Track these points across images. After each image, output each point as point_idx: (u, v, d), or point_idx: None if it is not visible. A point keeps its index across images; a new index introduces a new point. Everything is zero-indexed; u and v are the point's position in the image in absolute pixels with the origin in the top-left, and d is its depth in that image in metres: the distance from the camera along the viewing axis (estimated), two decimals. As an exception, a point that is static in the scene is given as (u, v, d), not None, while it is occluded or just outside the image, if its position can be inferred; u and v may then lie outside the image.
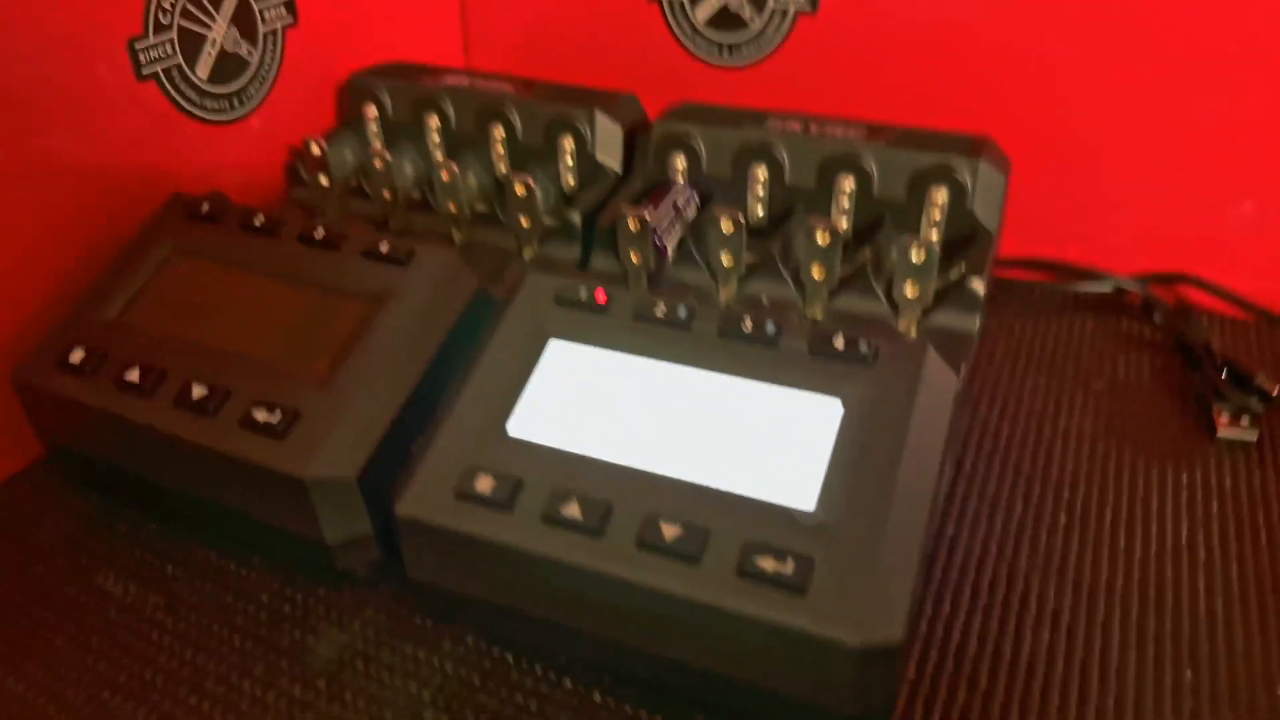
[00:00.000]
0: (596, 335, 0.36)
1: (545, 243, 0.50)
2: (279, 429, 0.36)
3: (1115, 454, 0.46)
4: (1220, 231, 0.56)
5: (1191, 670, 0.35)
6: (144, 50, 0.48)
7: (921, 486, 0.31)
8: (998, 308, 0.57)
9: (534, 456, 0.33)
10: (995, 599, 0.38)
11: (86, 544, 0.42)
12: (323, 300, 0.41)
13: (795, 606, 0.29)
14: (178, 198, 0.47)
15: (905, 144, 0.45)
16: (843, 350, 0.34)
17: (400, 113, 0.56)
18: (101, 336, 0.41)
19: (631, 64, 0.65)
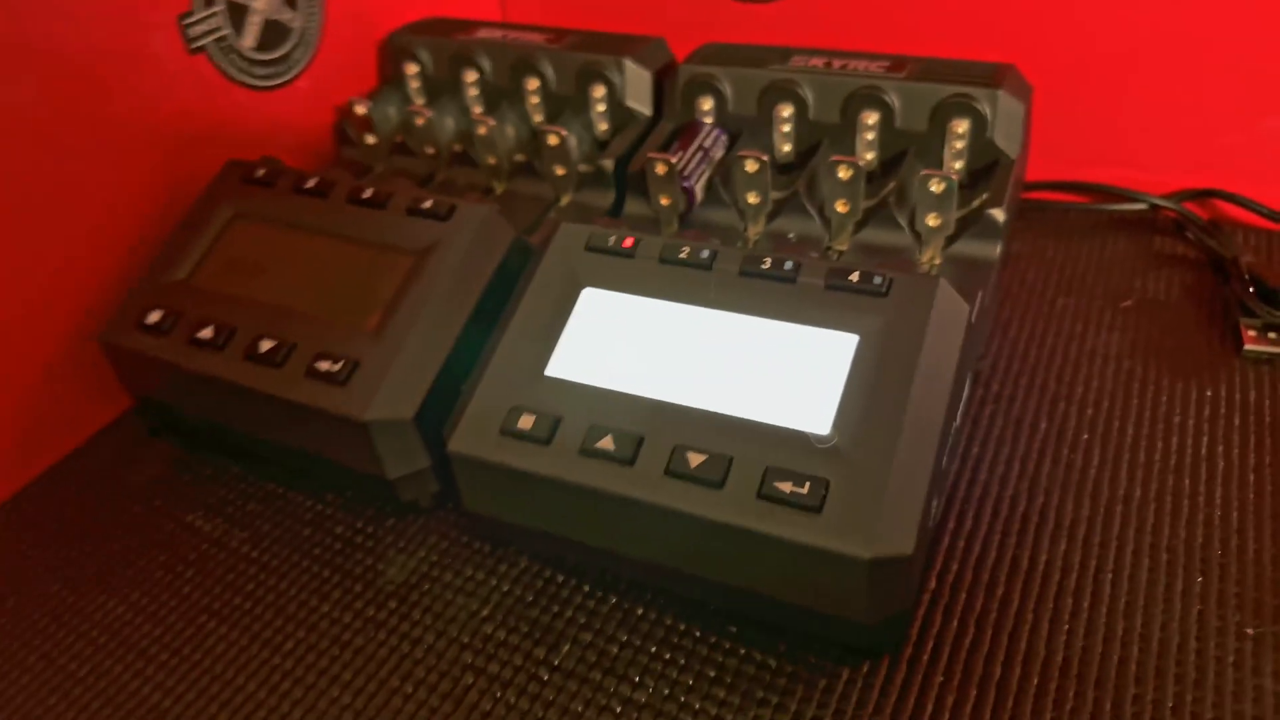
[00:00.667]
0: (625, 280, 0.39)
1: (581, 189, 0.52)
2: (340, 377, 0.39)
3: (1141, 371, 0.47)
4: (1253, 146, 0.56)
5: (1202, 575, 0.37)
6: (192, 25, 0.51)
7: (932, 411, 0.33)
8: (1030, 231, 0.58)
9: (570, 395, 0.36)
10: (1015, 512, 0.40)
11: (176, 485, 0.46)
12: (373, 256, 0.44)
13: (812, 525, 0.31)
14: (233, 164, 0.50)
15: (926, 76, 0.46)
16: (857, 284, 0.36)
17: (439, 69, 0.58)
18: (174, 298, 0.45)
19: (661, 3, 0.66)
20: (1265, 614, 0.35)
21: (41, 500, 0.47)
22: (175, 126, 0.51)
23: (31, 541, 0.44)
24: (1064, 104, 0.58)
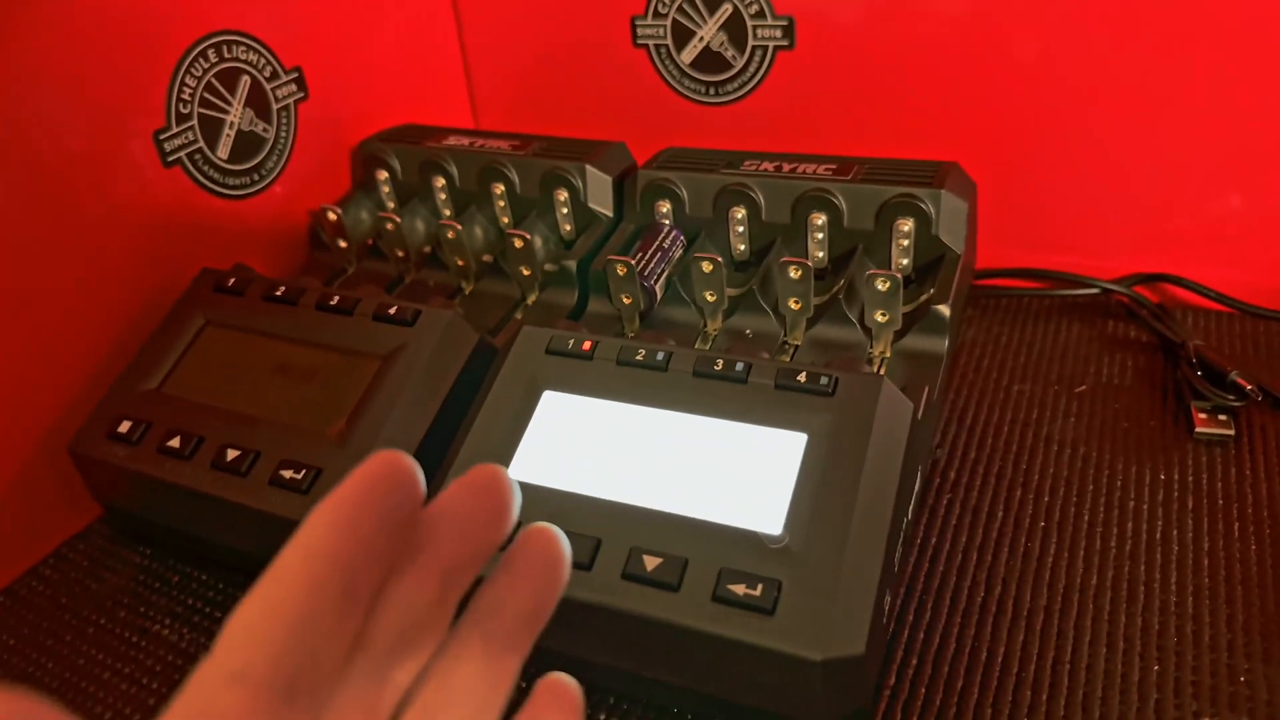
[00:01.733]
0: (584, 382, 0.40)
1: (546, 289, 0.54)
2: (303, 485, 0.40)
3: (1096, 456, 0.48)
4: (1200, 231, 0.58)
5: (1159, 663, 0.37)
6: (168, 139, 0.53)
7: (881, 507, 0.34)
8: (985, 318, 0.59)
9: (530, 498, 0.37)
10: (974, 603, 0.41)
11: (142, 594, 0.46)
12: (340, 361, 0.45)
13: (764, 627, 0.32)
14: (206, 273, 0.51)
15: (871, 178, 0.48)
16: (805, 384, 0.37)
17: (409, 174, 0.60)
18: (145, 407, 0.46)
19: (624, 107, 0.68)
20: (1222, 702, 0.36)
21: (9, 613, 0.46)
22: (150, 235, 0.53)
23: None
24: (1015, 193, 0.60)
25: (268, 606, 0.16)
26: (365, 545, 0.17)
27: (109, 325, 0.51)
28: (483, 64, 0.73)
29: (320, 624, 0.16)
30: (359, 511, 0.17)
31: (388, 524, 0.18)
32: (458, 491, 0.20)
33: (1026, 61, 0.57)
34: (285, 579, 0.17)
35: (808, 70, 0.62)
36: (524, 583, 0.20)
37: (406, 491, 0.18)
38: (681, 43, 0.64)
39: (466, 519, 0.19)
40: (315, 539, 0.17)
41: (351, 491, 0.17)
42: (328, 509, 0.17)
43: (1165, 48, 0.54)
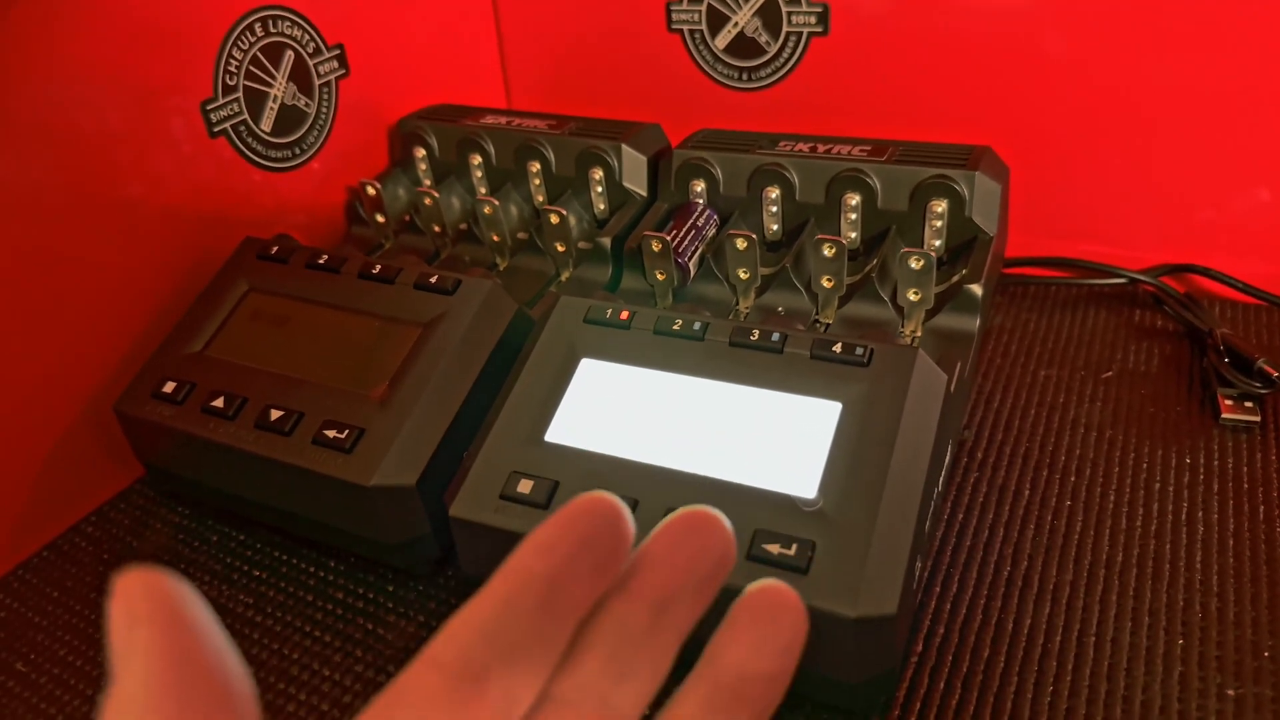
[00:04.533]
0: (622, 350, 0.41)
1: (580, 265, 0.55)
2: (346, 444, 0.41)
3: (1122, 440, 0.48)
4: (1227, 222, 0.58)
5: (1183, 637, 0.38)
6: (214, 110, 0.54)
7: (914, 476, 0.35)
8: (1013, 306, 0.60)
9: (568, 460, 0.38)
10: (1000, 577, 0.41)
11: (183, 552, 0.48)
12: (381, 328, 0.46)
13: (799, 585, 0.32)
14: (249, 241, 0.52)
15: (906, 159, 0.49)
16: (840, 354, 0.37)
17: (446, 153, 0.61)
18: (189, 369, 0.47)
19: (658, 92, 0.69)
20: (1245, 675, 0.36)
21: (53, 567, 0.48)
22: (194, 205, 0.54)
23: (41, 608, 0.45)
24: (1044, 183, 0.61)
25: (469, 612, 0.18)
26: (563, 563, 0.18)
27: (154, 291, 0.53)
28: (518, 46, 0.74)
29: (514, 628, 0.18)
30: (558, 532, 0.18)
31: (588, 546, 0.18)
32: (669, 527, 0.20)
33: (1058, 52, 0.58)
34: (486, 591, 0.18)
35: (841, 57, 0.63)
36: (745, 635, 0.19)
37: (609, 520, 0.19)
38: (716, 28, 0.65)
39: (677, 550, 0.19)
40: (515, 558, 0.18)
41: (554, 518, 0.19)
42: (531, 534, 0.18)
43: (1197, 41, 0.54)
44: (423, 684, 0.17)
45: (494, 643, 0.17)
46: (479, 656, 0.17)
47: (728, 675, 0.19)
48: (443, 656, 0.17)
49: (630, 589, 0.19)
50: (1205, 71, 0.55)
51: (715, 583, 0.20)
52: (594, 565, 0.18)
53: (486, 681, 0.17)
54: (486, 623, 0.18)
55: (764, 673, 0.19)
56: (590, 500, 0.19)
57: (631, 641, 0.19)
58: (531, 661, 0.18)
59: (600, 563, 0.18)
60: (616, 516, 0.19)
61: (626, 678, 0.18)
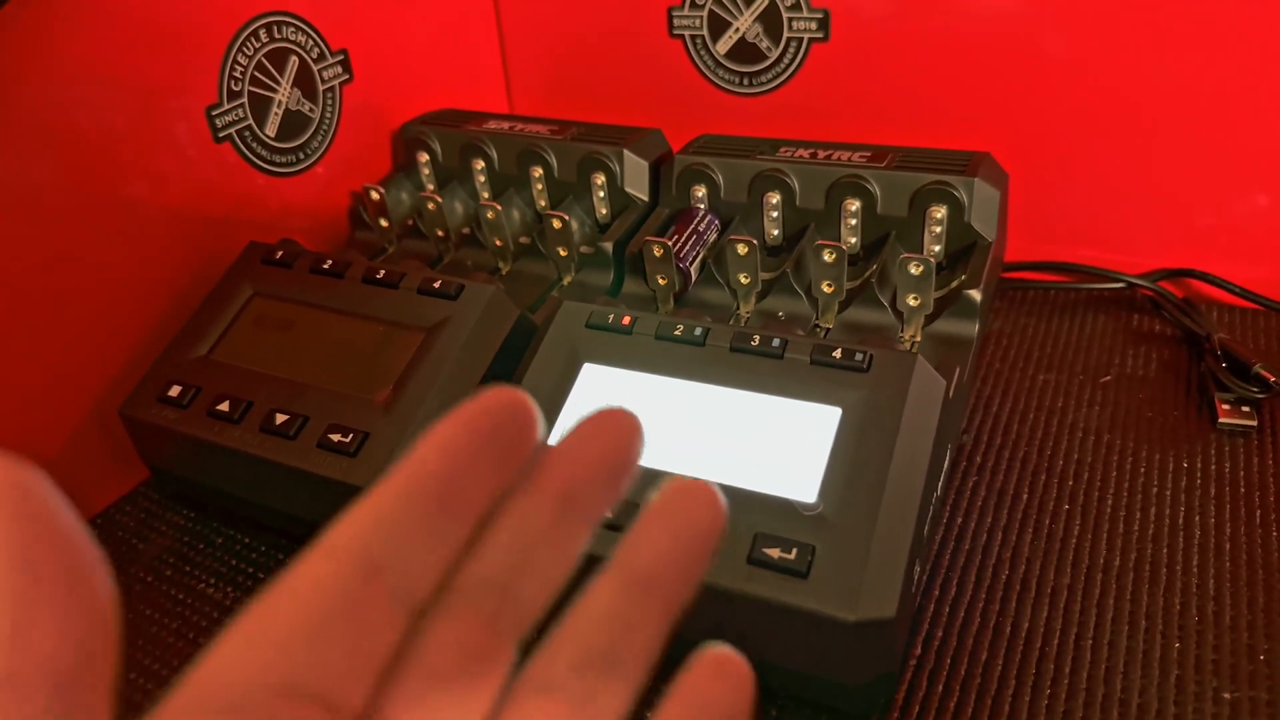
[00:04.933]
0: (623, 356, 0.41)
1: (582, 270, 0.55)
2: (351, 448, 0.41)
3: (1119, 444, 0.48)
4: (1225, 227, 0.58)
5: (1180, 641, 0.38)
6: (219, 116, 0.54)
7: (913, 480, 0.35)
8: (1012, 310, 0.60)
9: (570, 464, 0.38)
10: (998, 581, 0.42)
11: (187, 554, 0.48)
12: (385, 332, 0.46)
13: (799, 589, 0.33)
14: (254, 246, 0.53)
15: (905, 165, 0.49)
16: (840, 360, 0.38)
17: (449, 158, 0.62)
18: (194, 372, 0.47)
19: (659, 97, 0.70)
20: (1241, 679, 0.36)
21: (58, 568, 0.48)
22: (198, 209, 0.54)
23: (47, 608, 0.46)
24: (1043, 187, 0.61)
25: (364, 505, 0.17)
26: (462, 460, 0.18)
27: (158, 295, 0.53)
28: (520, 52, 0.75)
29: (411, 522, 0.17)
30: (457, 429, 0.18)
31: (488, 444, 0.18)
32: (577, 424, 0.19)
33: (1057, 58, 0.58)
34: (381, 485, 0.18)
35: (842, 63, 0.63)
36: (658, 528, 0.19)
37: (514, 416, 0.18)
38: (717, 33, 0.66)
39: (585, 445, 0.19)
40: (413, 454, 0.18)
41: (455, 414, 0.18)
42: (430, 430, 0.18)
43: (1195, 47, 0.55)
44: (315, 572, 0.17)
45: (389, 534, 0.17)
46: (373, 546, 0.17)
47: (640, 567, 0.19)
48: (337, 546, 0.17)
49: (535, 483, 0.18)
50: (1203, 77, 0.55)
51: (624, 477, 0.19)
52: (494, 461, 0.18)
53: (381, 571, 0.17)
54: (382, 515, 0.17)
55: (676, 563, 0.19)
56: (492, 396, 0.18)
57: (535, 534, 0.18)
58: (428, 553, 0.17)
59: (500, 459, 0.18)
60: (520, 412, 0.18)
61: (529, 571, 0.18)
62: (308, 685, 0.16)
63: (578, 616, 0.18)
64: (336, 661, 0.16)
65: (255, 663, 0.16)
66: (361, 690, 0.16)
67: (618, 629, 0.18)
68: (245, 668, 0.16)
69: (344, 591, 0.16)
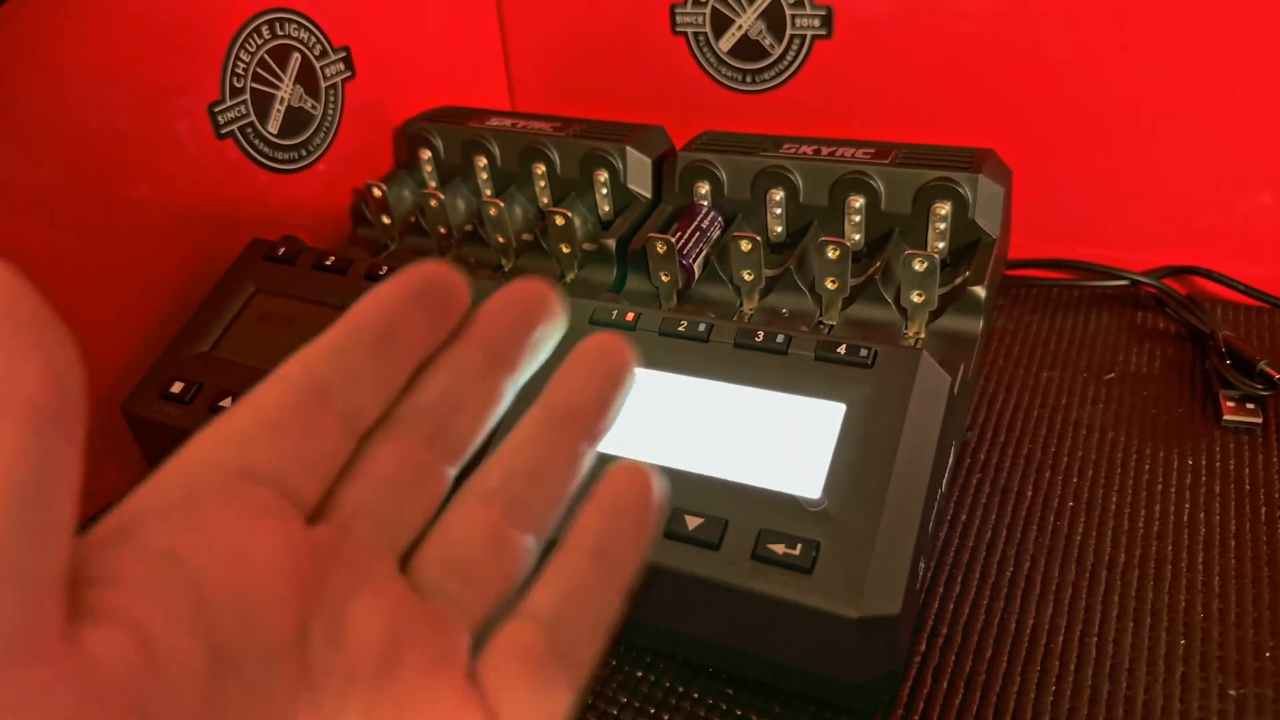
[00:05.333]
0: (627, 351, 0.41)
1: (584, 267, 0.55)
2: (353, 444, 0.41)
3: (1124, 441, 0.48)
4: (1229, 225, 0.58)
5: (1185, 638, 0.38)
6: (221, 112, 0.54)
7: (917, 476, 0.35)
8: (1015, 307, 0.60)
9: (574, 461, 0.38)
10: (1003, 577, 0.42)
11: (191, 552, 0.48)
12: (386, 329, 0.46)
13: (803, 585, 0.33)
14: (256, 243, 0.53)
15: (909, 162, 0.49)
16: (845, 356, 0.38)
17: (451, 155, 0.61)
18: (197, 369, 0.47)
19: (662, 94, 0.69)
20: (1247, 676, 0.36)
21: (60, 565, 0.48)
22: (200, 206, 0.54)
23: (49, 605, 0.46)
24: (1047, 185, 0.61)
25: (313, 343, 0.20)
26: (400, 307, 0.20)
27: (160, 292, 0.53)
28: (522, 49, 0.75)
29: (354, 355, 0.19)
30: (395, 286, 0.20)
31: (422, 298, 0.20)
32: (501, 292, 0.22)
33: (1061, 56, 0.58)
34: (328, 330, 0.20)
35: (845, 60, 0.63)
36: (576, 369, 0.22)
37: (443, 281, 0.21)
38: (720, 30, 0.65)
39: (506, 308, 0.21)
40: (355, 306, 0.20)
41: (392, 277, 0.20)
42: (370, 290, 0.20)
43: (1199, 45, 0.54)
44: (270, 394, 0.19)
45: (335, 363, 0.19)
46: (321, 371, 0.19)
47: (561, 401, 0.21)
48: (288, 373, 0.19)
49: (465, 337, 0.21)
50: (1207, 74, 0.55)
51: (543, 337, 0.22)
52: (428, 312, 0.20)
53: (328, 391, 0.19)
54: (328, 348, 0.19)
55: (594, 395, 0.22)
56: (425, 265, 0.21)
57: (466, 377, 0.21)
58: (371, 383, 0.20)
59: (434, 311, 0.20)
60: (450, 280, 0.21)
61: (461, 407, 0.21)
62: (264, 471, 0.18)
63: (509, 443, 0.21)
64: (289, 457, 0.18)
65: (217, 454, 0.18)
66: (314, 487, 0.19)
67: (542, 449, 0.21)
68: (208, 457, 0.18)
69: (296, 404, 0.19)
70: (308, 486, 0.19)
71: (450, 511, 0.20)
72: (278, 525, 0.18)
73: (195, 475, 0.18)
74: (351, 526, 0.19)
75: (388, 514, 0.19)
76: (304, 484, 0.18)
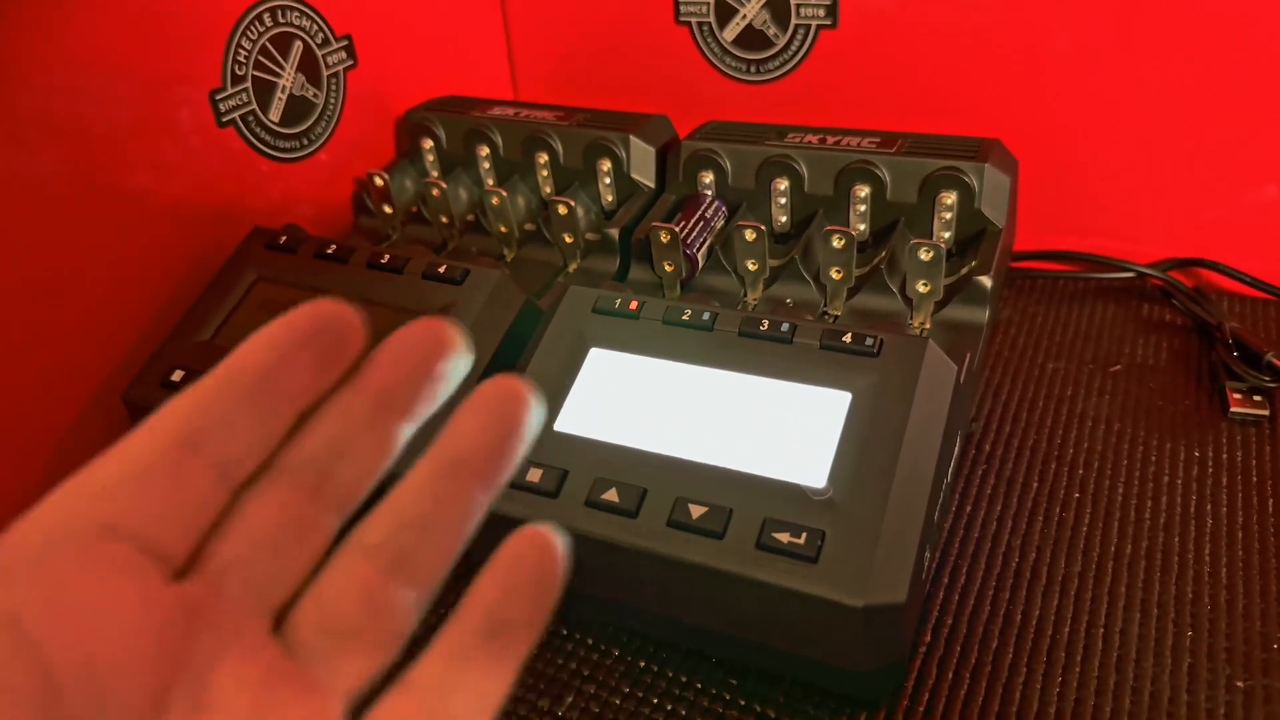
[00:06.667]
0: (631, 340, 0.41)
1: (587, 256, 0.55)
2: (355, 433, 0.41)
3: (1130, 433, 0.48)
4: (1235, 217, 0.58)
5: (1192, 629, 0.38)
6: (223, 100, 0.54)
7: (923, 465, 0.35)
8: (1021, 299, 0.60)
9: (577, 449, 0.38)
10: (1009, 568, 0.41)
11: (191, 541, 0.48)
12: (390, 317, 0.46)
13: (808, 574, 0.33)
14: (258, 231, 0.52)
15: (915, 151, 0.49)
16: (850, 344, 0.37)
17: (453, 144, 0.61)
18: (198, 357, 0.47)
19: (665, 84, 0.69)
20: (1254, 667, 0.36)
21: (60, 554, 0.48)
22: (202, 195, 0.54)
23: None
24: (1053, 177, 0.60)
25: (186, 391, 0.18)
26: (282, 352, 0.19)
27: (162, 280, 0.53)
28: (525, 39, 0.74)
29: (230, 402, 0.18)
30: (279, 329, 0.19)
31: (310, 342, 0.19)
32: (398, 333, 0.21)
33: (1067, 46, 0.57)
34: (204, 376, 0.19)
35: (849, 50, 0.63)
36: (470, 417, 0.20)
37: (334, 322, 0.19)
38: (724, 20, 0.65)
39: (404, 351, 0.20)
40: (235, 351, 0.19)
41: (279, 319, 0.19)
42: (255, 332, 0.19)
43: (1206, 36, 0.54)
44: (138, 443, 0.18)
45: (211, 411, 0.18)
46: (193, 422, 0.18)
47: (453, 448, 0.20)
48: (159, 424, 0.18)
49: (355, 383, 0.20)
50: (1215, 66, 0.55)
51: (442, 380, 0.21)
52: (316, 355, 0.19)
53: (202, 443, 0.18)
54: (203, 395, 0.18)
55: (490, 442, 0.20)
56: (317, 305, 0.19)
57: (354, 423, 0.19)
58: (248, 433, 0.18)
59: (323, 354, 0.19)
60: (344, 318, 0.19)
61: (348, 456, 0.19)
62: (127, 526, 0.17)
63: (397, 493, 0.20)
64: (155, 510, 0.17)
65: (77, 507, 0.17)
66: (183, 542, 0.18)
67: (432, 500, 0.20)
68: (67, 510, 0.17)
69: (165, 454, 0.18)
70: (176, 542, 0.17)
71: (329, 568, 0.19)
72: (138, 584, 0.17)
73: (49, 531, 0.16)
74: (222, 584, 0.18)
75: (262, 570, 0.18)
76: (172, 539, 0.17)
